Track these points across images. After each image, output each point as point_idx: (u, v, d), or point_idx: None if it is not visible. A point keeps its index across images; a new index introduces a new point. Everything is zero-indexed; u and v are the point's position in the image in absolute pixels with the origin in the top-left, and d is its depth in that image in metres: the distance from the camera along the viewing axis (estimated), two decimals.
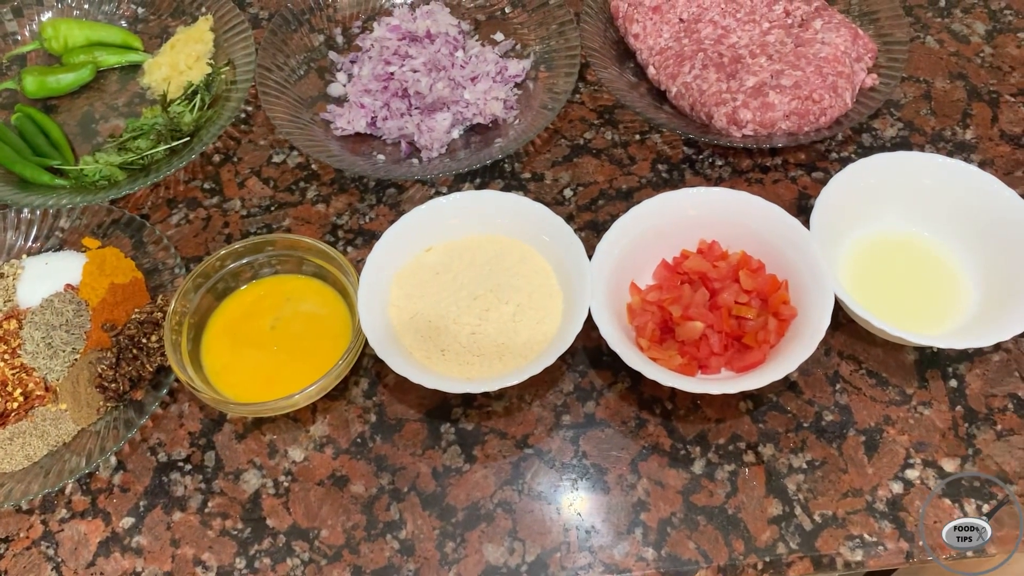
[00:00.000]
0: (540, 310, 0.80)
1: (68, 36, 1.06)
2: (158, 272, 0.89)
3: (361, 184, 0.97)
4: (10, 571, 0.75)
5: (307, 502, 0.77)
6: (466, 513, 0.76)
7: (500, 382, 0.74)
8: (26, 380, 0.83)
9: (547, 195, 0.94)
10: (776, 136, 0.92)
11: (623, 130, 0.99)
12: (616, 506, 0.75)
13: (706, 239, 0.84)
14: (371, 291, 0.80)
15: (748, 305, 0.79)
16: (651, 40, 1.00)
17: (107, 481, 0.79)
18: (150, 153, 0.96)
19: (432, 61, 0.98)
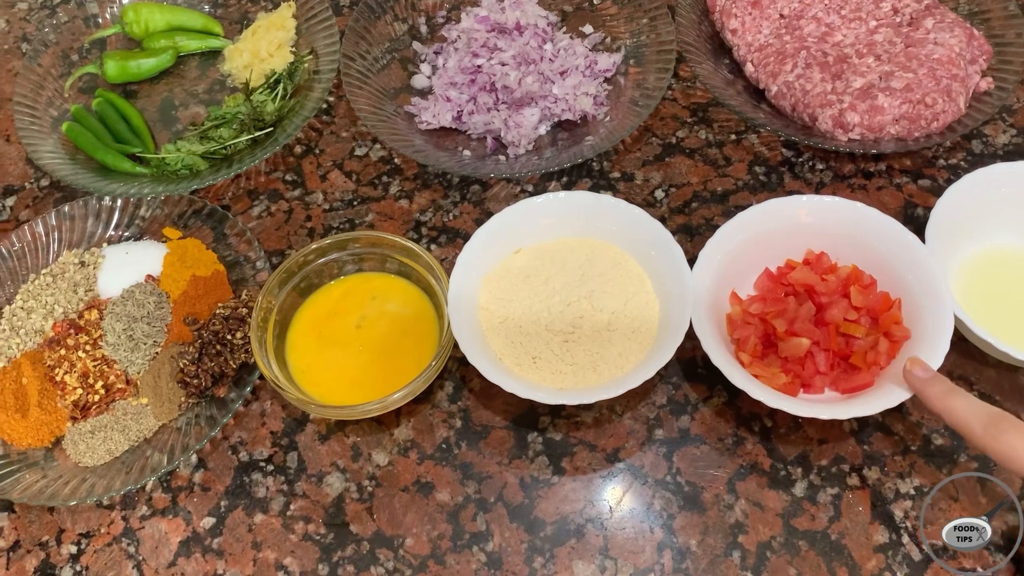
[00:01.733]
0: (635, 319, 0.77)
1: (149, 20, 1.05)
2: (239, 266, 0.87)
3: (444, 180, 0.94)
4: (91, 567, 0.74)
5: (391, 508, 0.75)
6: (555, 527, 0.73)
7: (596, 394, 0.71)
8: (107, 372, 0.82)
9: (637, 196, 0.91)
10: (884, 141, 0.87)
11: (718, 129, 0.95)
12: (713, 527, 0.72)
13: (813, 250, 0.80)
14: (461, 294, 0.77)
15: (857, 323, 0.75)
16: (750, 36, 0.96)
17: (187, 479, 0.77)
18: (233, 143, 0.94)
19: (521, 54, 0.95)
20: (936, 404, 0.66)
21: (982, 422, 0.62)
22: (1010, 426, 0.60)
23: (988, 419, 0.62)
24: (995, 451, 0.61)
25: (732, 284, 0.79)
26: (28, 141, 0.95)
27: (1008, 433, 0.60)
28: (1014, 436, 0.60)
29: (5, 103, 1.06)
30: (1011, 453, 0.59)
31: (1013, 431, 0.60)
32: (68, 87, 1.03)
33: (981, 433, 0.61)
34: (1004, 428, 0.60)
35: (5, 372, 0.82)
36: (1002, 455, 0.60)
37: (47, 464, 0.78)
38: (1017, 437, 0.59)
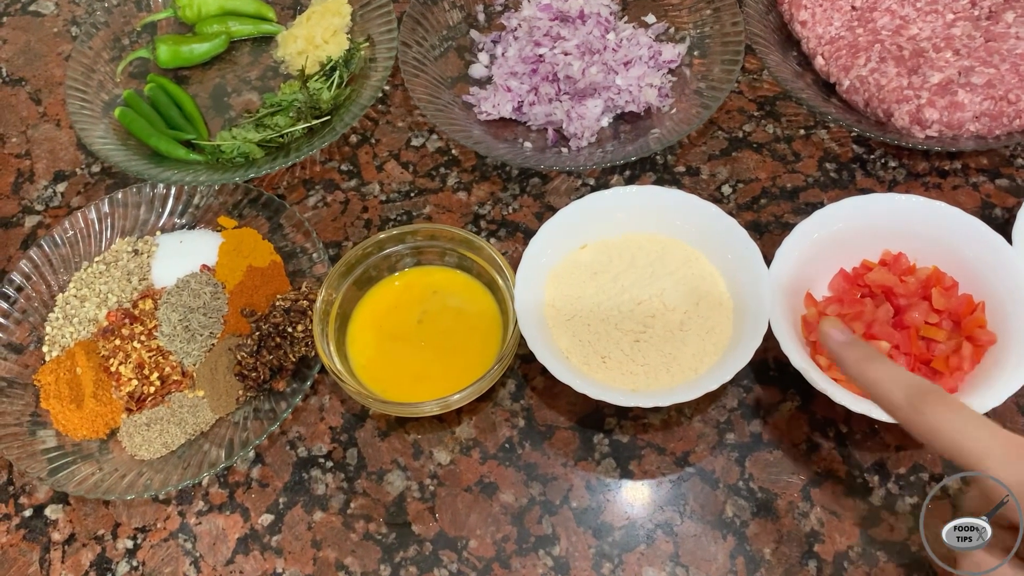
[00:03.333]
0: (709, 319, 0.74)
1: (202, 5, 1.03)
2: (296, 257, 0.85)
3: (503, 172, 0.92)
4: (148, 562, 0.73)
5: (454, 509, 0.73)
6: (623, 532, 0.71)
7: (672, 396, 0.68)
8: (163, 364, 0.80)
9: (703, 191, 0.88)
10: (963, 139, 0.84)
11: (786, 124, 0.92)
12: (787, 536, 0.70)
13: (891, 250, 0.77)
14: (527, 291, 0.75)
15: (939, 327, 0.72)
16: (820, 28, 0.93)
17: (245, 474, 0.76)
18: (289, 131, 0.92)
19: (585, 43, 0.92)
20: (853, 370, 0.58)
21: (906, 392, 0.54)
22: (937, 399, 0.52)
23: (913, 390, 0.54)
24: (918, 425, 0.53)
25: (806, 285, 0.77)
26: (81, 126, 0.94)
27: (932, 406, 0.52)
28: (940, 410, 0.52)
29: (55, 88, 1.05)
30: (934, 430, 0.52)
31: (941, 404, 0.52)
32: (120, 71, 1.01)
33: (904, 405, 0.54)
34: (930, 400, 0.52)
35: (59, 362, 0.81)
36: (923, 429, 0.52)
37: (102, 456, 0.77)
38: (940, 410, 0.52)
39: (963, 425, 0.51)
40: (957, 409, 0.52)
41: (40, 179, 0.97)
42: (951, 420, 0.51)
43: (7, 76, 1.08)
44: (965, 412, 0.52)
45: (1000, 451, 0.49)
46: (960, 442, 0.51)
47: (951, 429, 0.51)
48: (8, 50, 1.10)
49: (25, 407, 0.79)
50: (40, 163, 0.99)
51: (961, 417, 0.51)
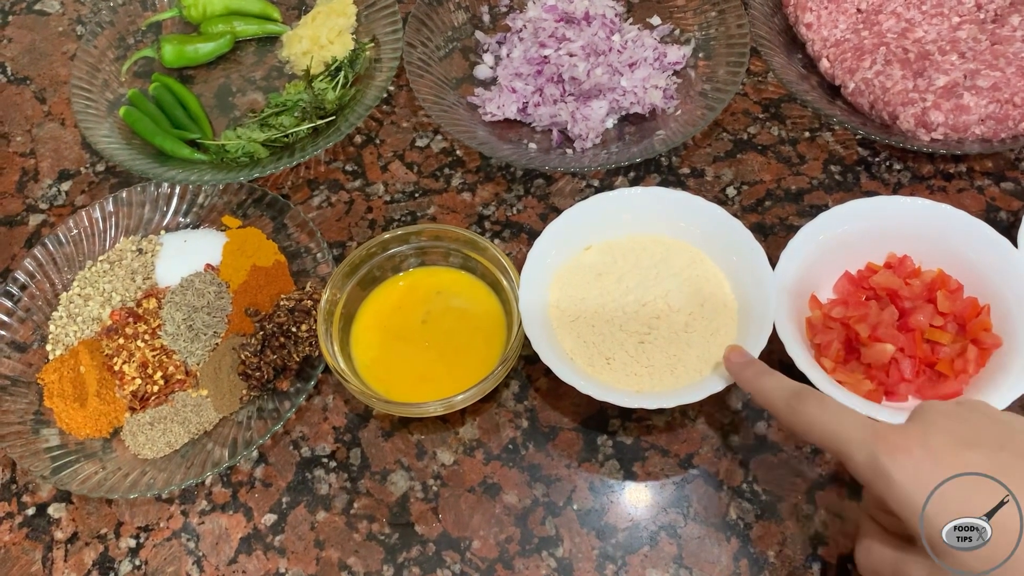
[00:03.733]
0: (714, 321, 0.74)
1: (207, 4, 1.03)
2: (300, 257, 0.85)
3: (508, 173, 0.92)
4: (151, 561, 0.72)
5: (457, 509, 0.73)
6: (627, 534, 0.71)
7: (677, 398, 0.68)
8: (166, 363, 0.80)
9: (708, 193, 0.88)
10: (968, 142, 0.84)
11: (791, 126, 0.92)
12: (792, 538, 0.69)
13: (896, 253, 0.77)
14: (531, 292, 0.75)
15: (944, 329, 0.72)
16: (825, 31, 0.93)
17: (248, 474, 0.76)
18: (294, 131, 0.92)
19: (590, 45, 0.92)
20: (750, 387, 0.65)
21: (785, 397, 0.60)
22: (808, 397, 0.59)
23: (790, 393, 0.60)
24: (795, 423, 0.59)
25: (811, 287, 0.77)
26: (85, 125, 0.94)
27: (805, 404, 0.58)
28: (811, 406, 0.58)
29: (60, 86, 1.05)
30: (808, 424, 0.58)
31: (811, 401, 0.58)
32: (125, 70, 1.01)
33: (784, 408, 0.60)
34: (803, 399, 0.59)
35: (63, 360, 0.81)
36: (800, 427, 0.58)
37: (105, 455, 0.77)
38: (811, 407, 0.58)
39: (829, 416, 0.57)
40: (825, 403, 0.58)
41: (45, 178, 0.97)
42: (820, 413, 0.57)
43: (12, 75, 1.08)
44: (832, 404, 0.58)
45: (859, 434, 0.54)
46: (827, 430, 0.56)
47: (821, 421, 0.57)
48: (13, 49, 1.10)
49: (29, 406, 0.79)
50: (45, 162, 0.99)
51: (828, 409, 0.57)
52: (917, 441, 0.52)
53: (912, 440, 0.52)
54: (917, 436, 0.52)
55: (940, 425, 0.53)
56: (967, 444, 0.51)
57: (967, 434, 0.52)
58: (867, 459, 0.53)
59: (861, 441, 0.53)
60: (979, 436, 0.52)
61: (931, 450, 0.51)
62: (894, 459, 0.51)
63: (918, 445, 0.51)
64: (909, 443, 0.52)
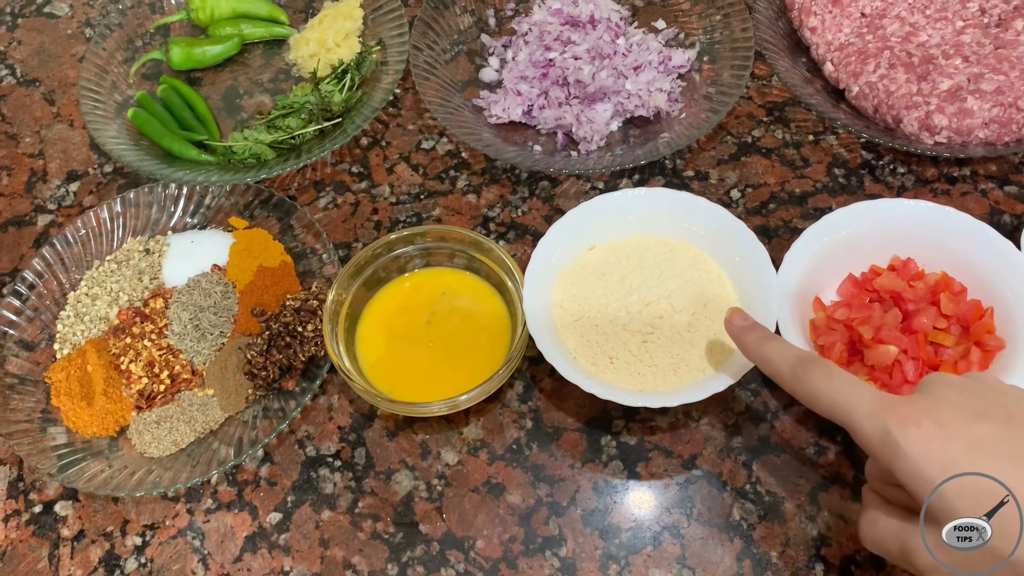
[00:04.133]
0: (717, 321, 0.74)
1: (215, 7, 1.04)
2: (306, 258, 0.86)
3: (513, 175, 0.92)
4: (156, 559, 0.73)
5: (461, 509, 0.73)
6: (630, 534, 0.71)
7: (680, 397, 0.68)
8: (173, 362, 0.81)
9: (712, 195, 0.88)
10: (972, 145, 0.84)
11: (795, 129, 0.93)
12: (795, 539, 0.70)
13: (899, 255, 0.77)
14: (535, 292, 0.75)
15: (947, 332, 0.72)
16: (830, 35, 0.93)
17: (254, 473, 0.76)
18: (300, 133, 0.92)
19: (595, 48, 0.93)
20: (752, 353, 0.64)
21: (790, 364, 0.59)
22: (815, 366, 0.58)
23: (796, 361, 0.59)
24: (800, 392, 0.58)
25: (815, 289, 0.77)
26: (94, 127, 0.94)
27: (812, 373, 0.57)
28: (818, 375, 0.57)
29: (69, 88, 1.06)
30: (814, 392, 0.57)
31: (817, 370, 0.57)
32: (133, 72, 1.02)
33: (789, 375, 0.59)
34: (809, 368, 0.58)
35: (70, 359, 0.81)
36: (806, 395, 0.58)
37: (112, 454, 0.77)
38: (820, 377, 0.57)
39: (837, 385, 0.56)
40: (833, 372, 0.57)
41: (53, 178, 0.98)
42: (827, 382, 0.57)
43: (22, 77, 1.09)
44: (840, 374, 0.57)
45: (867, 405, 0.54)
46: (834, 400, 0.56)
47: (827, 390, 0.56)
48: (23, 51, 1.11)
49: (36, 404, 0.80)
50: (53, 163, 0.99)
51: (836, 379, 0.56)
52: (927, 413, 0.52)
53: (922, 412, 0.52)
54: (927, 408, 0.52)
55: (949, 397, 0.53)
56: (976, 416, 0.51)
57: (976, 406, 0.52)
58: (877, 430, 0.52)
59: (870, 412, 0.53)
60: (988, 408, 0.52)
61: (941, 422, 0.51)
62: (905, 431, 0.51)
63: (928, 417, 0.51)
64: (919, 415, 0.51)
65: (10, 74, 1.09)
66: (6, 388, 0.79)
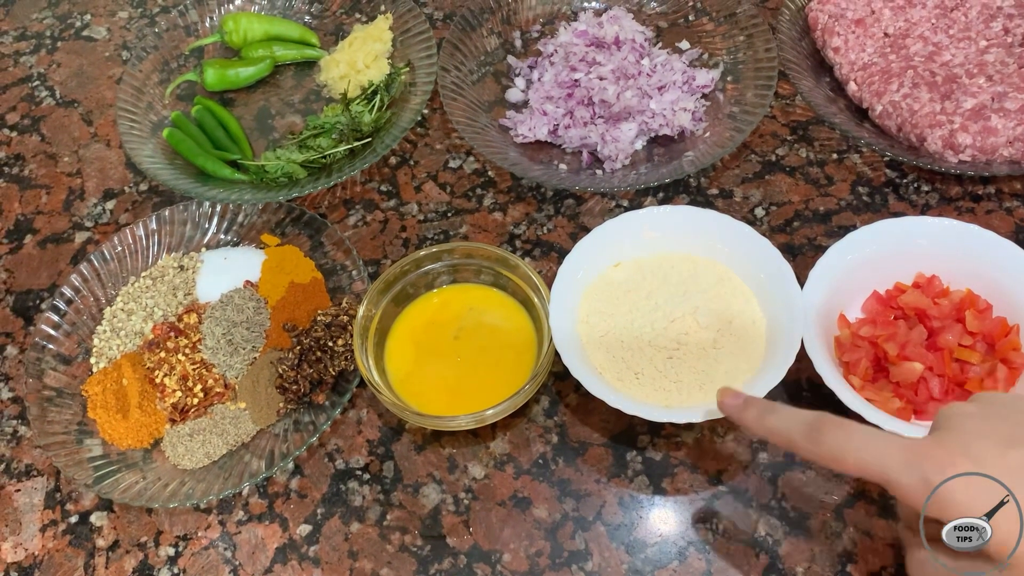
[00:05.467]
0: (742, 338, 0.75)
1: (248, 30, 1.06)
2: (336, 274, 0.87)
3: (538, 193, 0.94)
4: (188, 570, 0.74)
5: (488, 523, 0.74)
6: (656, 549, 0.72)
7: (707, 412, 0.69)
8: (206, 376, 0.82)
9: (736, 213, 0.89)
10: (996, 164, 0.85)
11: (819, 148, 0.93)
12: (820, 556, 0.70)
13: (924, 272, 0.78)
14: (561, 308, 0.76)
15: (973, 349, 0.73)
16: (853, 55, 0.94)
17: (284, 485, 0.77)
18: (331, 152, 0.94)
19: (620, 69, 0.94)
20: (757, 430, 0.61)
21: (802, 432, 0.57)
22: (829, 427, 0.56)
23: (806, 427, 0.57)
24: (820, 456, 0.56)
25: (839, 306, 0.77)
26: (130, 146, 0.97)
27: (827, 435, 0.55)
28: (833, 435, 0.55)
29: (107, 109, 1.09)
30: (835, 454, 0.55)
31: (832, 430, 0.55)
32: (168, 94, 1.05)
33: (804, 443, 0.57)
34: (823, 430, 0.56)
35: (106, 373, 0.83)
36: (827, 458, 0.56)
37: (146, 465, 0.79)
38: (837, 436, 0.55)
39: (860, 443, 0.54)
40: (852, 430, 0.55)
41: (90, 197, 1.01)
42: (848, 441, 0.55)
43: (61, 98, 1.12)
44: (859, 430, 0.55)
45: (898, 456, 0.52)
46: (860, 459, 0.54)
47: (850, 449, 0.54)
48: (62, 73, 1.14)
49: (73, 416, 0.81)
50: (91, 181, 1.02)
51: (856, 436, 0.55)
52: (960, 452, 0.51)
53: (955, 452, 0.51)
54: (958, 447, 0.52)
55: (973, 429, 0.53)
56: (1007, 443, 0.52)
57: (1002, 431, 0.52)
58: (917, 483, 0.51)
59: (904, 463, 0.52)
60: (1013, 431, 0.52)
61: (976, 459, 0.51)
62: (945, 477, 0.50)
63: (962, 456, 0.51)
64: (953, 456, 0.51)
65: (50, 95, 1.12)
66: (44, 400, 0.81)
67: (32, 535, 0.77)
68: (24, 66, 1.16)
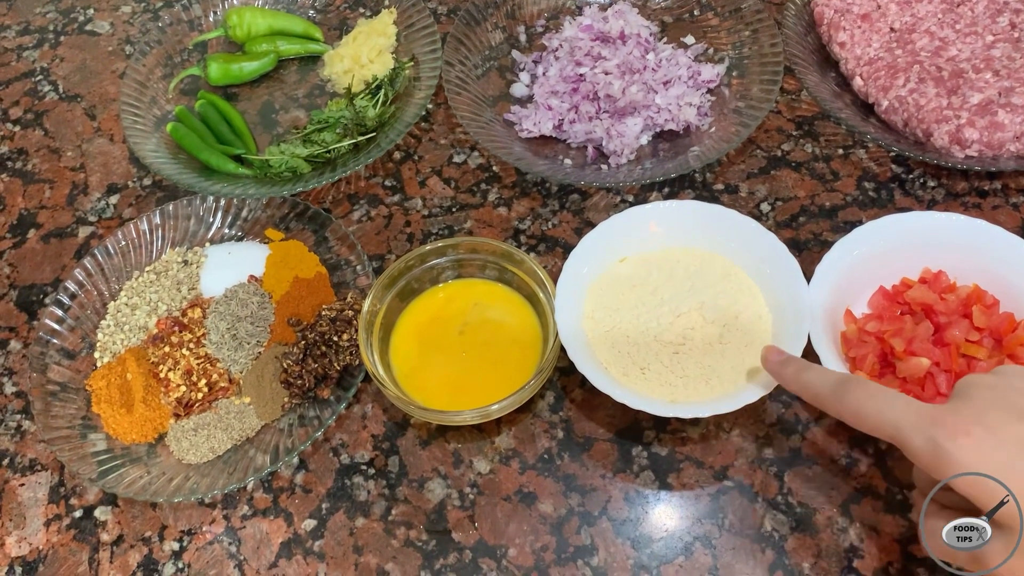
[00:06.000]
0: (748, 333, 0.75)
1: (252, 24, 1.06)
2: (340, 269, 0.87)
3: (543, 188, 0.93)
4: (193, 564, 0.74)
5: (494, 517, 0.74)
6: (662, 545, 0.71)
7: (712, 408, 0.69)
8: (210, 371, 0.82)
9: (742, 208, 0.89)
10: (1003, 159, 0.84)
11: (824, 143, 0.93)
12: (826, 551, 0.70)
13: (931, 268, 0.77)
14: (567, 303, 0.76)
15: (980, 344, 0.72)
16: (859, 49, 0.94)
17: (289, 480, 0.77)
18: (335, 147, 0.94)
19: (625, 63, 0.94)
20: (792, 385, 0.65)
21: (830, 388, 0.61)
22: (855, 386, 0.60)
23: (835, 383, 0.61)
24: (842, 412, 0.60)
25: (846, 302, 0.77)
26: (134, 141, 0.97)
27: (852, 392, 0.59)
28: (859, 394, 0.59)
29: (110, 104, 1.09)
30: (858, 412, 0.59)
31: (858, 390, 0.59)
32: (172, 88, 1.04)
33: (831, 398, 0.61)
34: (849, 388, 0.60)
35: (111, 368, 0.83)
36: (850, 415, 0.59)
37: (150, 460, 0.79)
38: (861, 395, 0.59)
39: (879, 402, 0.57)
40: (873, 390, 0.59)
41: (94, 191, 1.00)
42: (868, 400, 0.58)
43: (64, 92, 1.11)
44: (880, 391, 0.58)
45: (913, 419, 0.55)
46: (879, 417, 0.57)
47: (871, 408, 0.58)
48: (65, 67, 1.14)
49: (77, 411, 0.81)
50: (94, 176, 1.02)
51: (877, 396, 0.58)
52: (974, 420, 0.52)
53: (969, 420, 0.53)
54: (972, 415, 0.53)
55: (990, 399, 0.54)
56: (1021, 416, 0.53)
57: (1019, 405, 0.53)
58: (927, 444, 0.53)
59: (916, 426, 0.54)
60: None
61: (990, 428, 0.52)
62: (956, 442, 0.52)
63: (976, 424, 0.52)
64: (967, 424, 0.52)
65: (53, 90, 1.12)
66: (48, 395, 0.81)
67: (36, 529, 0.77)
68: (27, 60, 1.16)
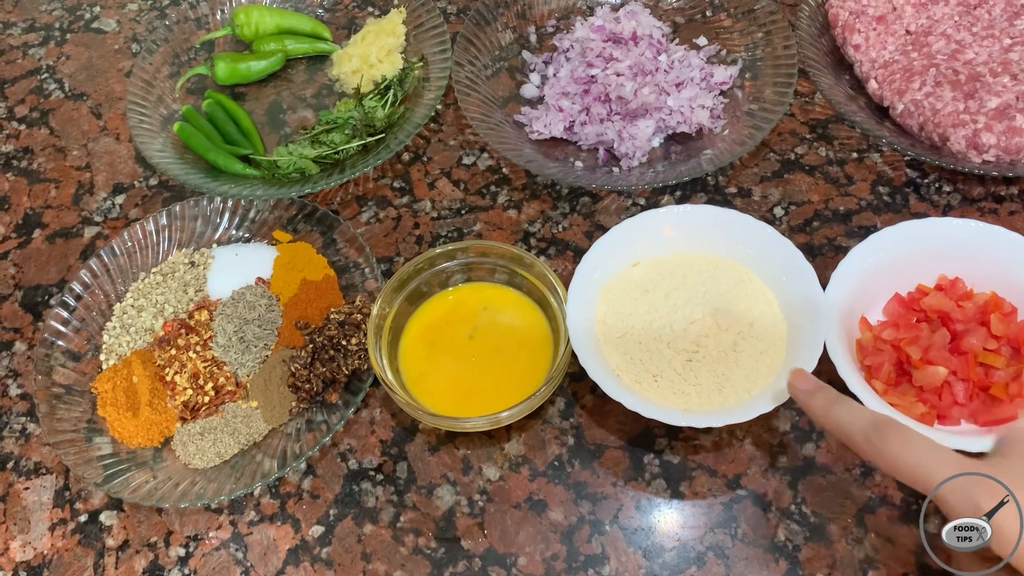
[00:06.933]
0: (763, 340, 0.74)
1: (260, 23, 1.05)
2: (348, 271, 0.86)
3: (553, 191, 0.92)
4: (199, 571, 0.73)
5: (503, 525, 0.73)
6: (674, 554, 0.70)
7: (726, 417, 0.68)
8: (217, 374, 0.81)
9: (755, 213, 0.88)
10: (1021, 164, 0.83)
11: (838, 147, 0.92)
12: (841, 561, 0.69)
13: (947, 275, 0.76)
14: (578, 308, 0.75)
15: (997, 353, 0.71)
16: (874, 52, 0.93)
17: (296, 486, 0.76)
18: (344, 148, 0.93)
19: (637, 65, 0.93)
20: (821, 419, 0.63)
21: (863, 431, 0.58)
22: (892, 433, 0.57)
23: (869, 427, 0.58)
24: (876, 460, 0.57)
25: (861, 309, 0.76)
26: (140, 140, 0.96)
27: (889, 441, 0.56)
28: (895, 443, 0.56)
29: (116, 103, 1.08)
30: (892, 460, 0.56)
31: (894, 438, 0.56)
32: (179, 87, 1.03)
33: (864, 443, 0.58)
34: (885, 436, 0.57)
35: (116, 370, 0.82)
36: (886, 464, 0.57)
37: (156, 464, 0.78)
38: (898, 444, 0.56)
39: (918, 455, 0.55)
40: (910, 438, 0.56)
41: (100, 191, 0.99)
42: (905, 449, 0.56)
43: (70, 91, 1.11)
44: (917, 440, 0.56)
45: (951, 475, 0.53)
46: (915, 469, 0.55)
47: (907, 459, 0.55)
48: (71, 66, 1.13)
49: (82, 414, 0.80)
50: (100, 175, 1.01)
51: (914, 445, 0.56)
52: (1017, 485, 0.51)
53: (1012, 484, 0.51)
54: (1012, 477, 0.52)
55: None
56: None
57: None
58: (966, 505, 0.52)
59: (957, 484, 0.52)
60: None
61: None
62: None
63: (1020, 489, 0.51)
64: (1014, 488, 0.51)
65: (58, 88, 1.11)
66: (53, 398, 0.80)
67: (41, 534, 0.77)
68: (33, 58, 1.15)
